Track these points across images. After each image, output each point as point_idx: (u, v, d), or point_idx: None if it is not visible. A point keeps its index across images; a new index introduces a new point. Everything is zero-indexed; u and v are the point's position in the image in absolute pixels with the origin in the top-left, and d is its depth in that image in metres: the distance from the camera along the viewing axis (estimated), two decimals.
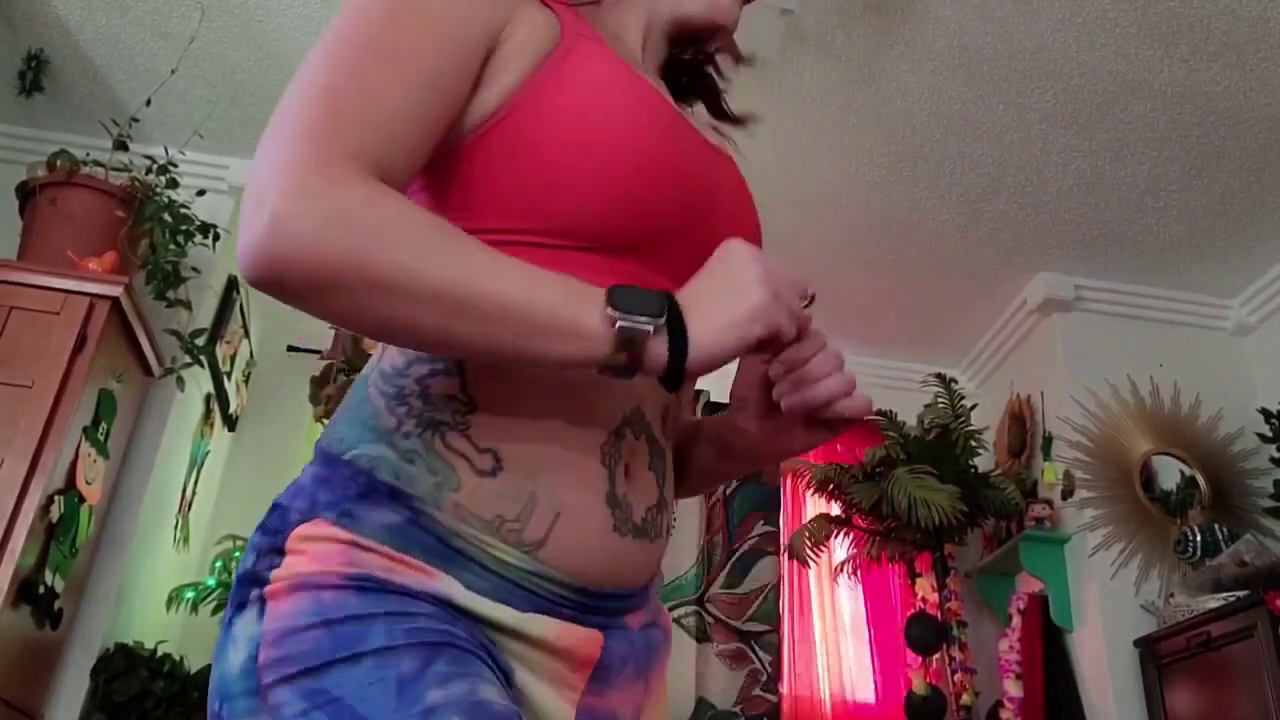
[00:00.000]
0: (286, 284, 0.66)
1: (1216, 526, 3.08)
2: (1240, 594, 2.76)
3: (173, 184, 2.87)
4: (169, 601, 2.96)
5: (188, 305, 2.89)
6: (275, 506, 0.75)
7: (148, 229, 2.78)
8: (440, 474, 0.73)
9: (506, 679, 0.72)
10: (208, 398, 3.37)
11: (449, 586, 0.71)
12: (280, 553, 0.72)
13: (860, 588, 3.73)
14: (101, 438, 2.68)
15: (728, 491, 3.81)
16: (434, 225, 0.67)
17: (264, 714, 0.66)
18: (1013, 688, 3.21)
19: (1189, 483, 3.35)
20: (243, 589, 0.72)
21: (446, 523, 0.72)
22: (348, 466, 0.74)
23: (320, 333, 3.55)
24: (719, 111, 1.06)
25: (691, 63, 1.04)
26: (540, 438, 0.75)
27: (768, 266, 0.73)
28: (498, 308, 0.66)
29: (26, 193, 2.84)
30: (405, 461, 0.73)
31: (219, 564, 3.00)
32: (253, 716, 0.67)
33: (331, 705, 0.64)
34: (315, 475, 0.76)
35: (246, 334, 3.64)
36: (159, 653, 2.80)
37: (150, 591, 3.04)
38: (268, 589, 0.70)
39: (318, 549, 0.70)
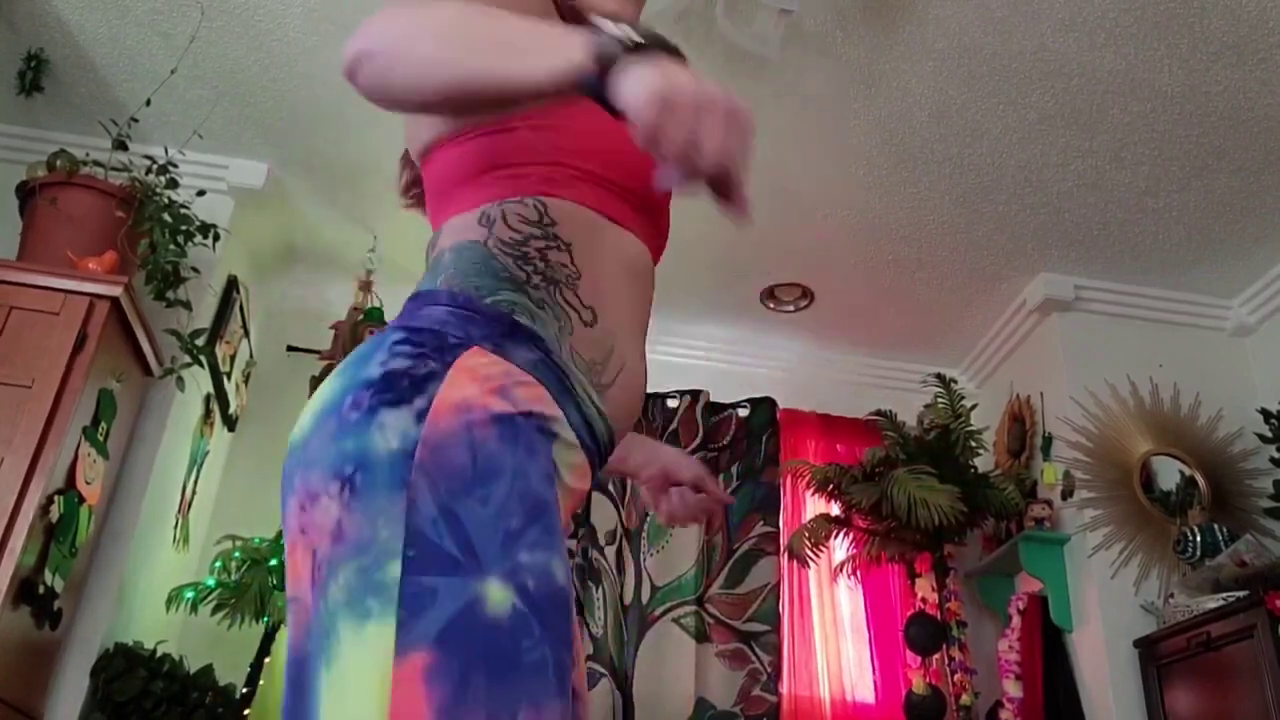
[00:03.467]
0: (361, 70, 0.87)
1: (1216, 527, 3.08)
2: (1240, 594, 2.76)
3: (172, 184, 2.87)
4: (168, 601, 2.96)
5: (187, 305, 2.89)
6: (419, 330, 0.88)
7: (147, 229, 2.78)
8: (561, 320, 0.94)
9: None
10: (207, 398, 3.37)
11: (560, 420, 0.90)
12: (442, 367, 0.85)
13: (860, 588, 3.73)
14: (101, 438, 2.68)
15: (728, 492, 3.81)
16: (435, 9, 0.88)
17: (400, 501, 0.78)
18: (1012, 688, 3.21)
19: (1189, 483, 3.35)
20: (394, 384, 0.83)
21: (562, 363, 0.92)
22: (490, 309, 0.92)
23: (320, 333, 3.56)
24: None
25: None
26: (618, 305, 0.99)
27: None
28: (489, 30, 0.84)
29: (26, 193, 2.84)
30: (538, 307, 0.93)
31: (218, 564, 2.99)
32: (392, 493, 0.78)
33: (456, 524, 0.78)
34: (457, 313, 0.91)
35: (246, 334, 3.64)
36: (158, 653, 2.80)
37: (150, 591, 3.04)
38: (435, 402, 0.82)
39: (480, 373, 0.86)
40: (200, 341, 3.00)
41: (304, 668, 0.80)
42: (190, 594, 2.94)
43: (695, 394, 3.93)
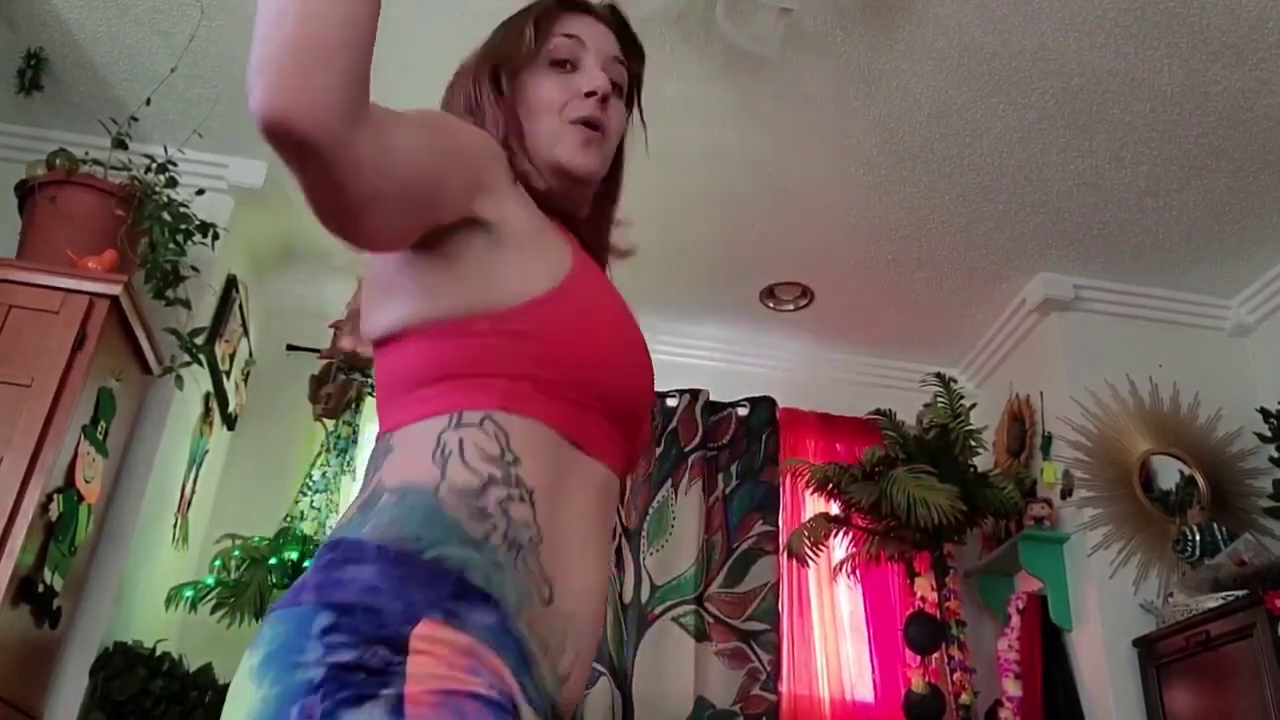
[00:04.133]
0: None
1: (1215, 526, 3.08)
2: (1239, 593, 2.76)
3: (172, 183, 2.87)
4: (168, 600, 2.96)
5: (187, 304, 2.89)
6: (347, 609, 0.76)
7: (147, 228, 2.78)
8: (520, 591, 0.83)
9: None
10: (207, 396, 3.37)
11: (523, 700, 0.80)
12: (398, 650, 0.74)
13: (859, 587, 3.73)
14: (101, 436, 2.68)
15: (727, 491, 3.81)
16: None
17: None
18: (1011, 687, 3.21)
19: (1188, 482, 3.35)
20: (346, 680, 0.72)
21: (522, 634, 0.81)
22: (431, 566, 0.80)
23: (319, 332, 3.56)
24: (599, 247, 1.19)
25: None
26: (575, 580, 0.88)
27: None
28: None
29: (26, 191, 2.84)
30: (495, 569, 0.82)
31: (218, 563, 3.00)
32: None
33: None
34: (389, 573, 0.78)
35: (245, 333, 3.64)
36: (158, 651, 2.80)
37: (149, 590, 3.04)
38: (407, 691, 0.72)
39: (443, 651, 0.75)
40: (200, 340, 3.00)
41: None
42: (189, 593, 2.94)
43: (695, 393, 3.93)
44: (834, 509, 3.58)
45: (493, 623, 0.79)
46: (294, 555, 2.91)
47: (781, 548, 3.67)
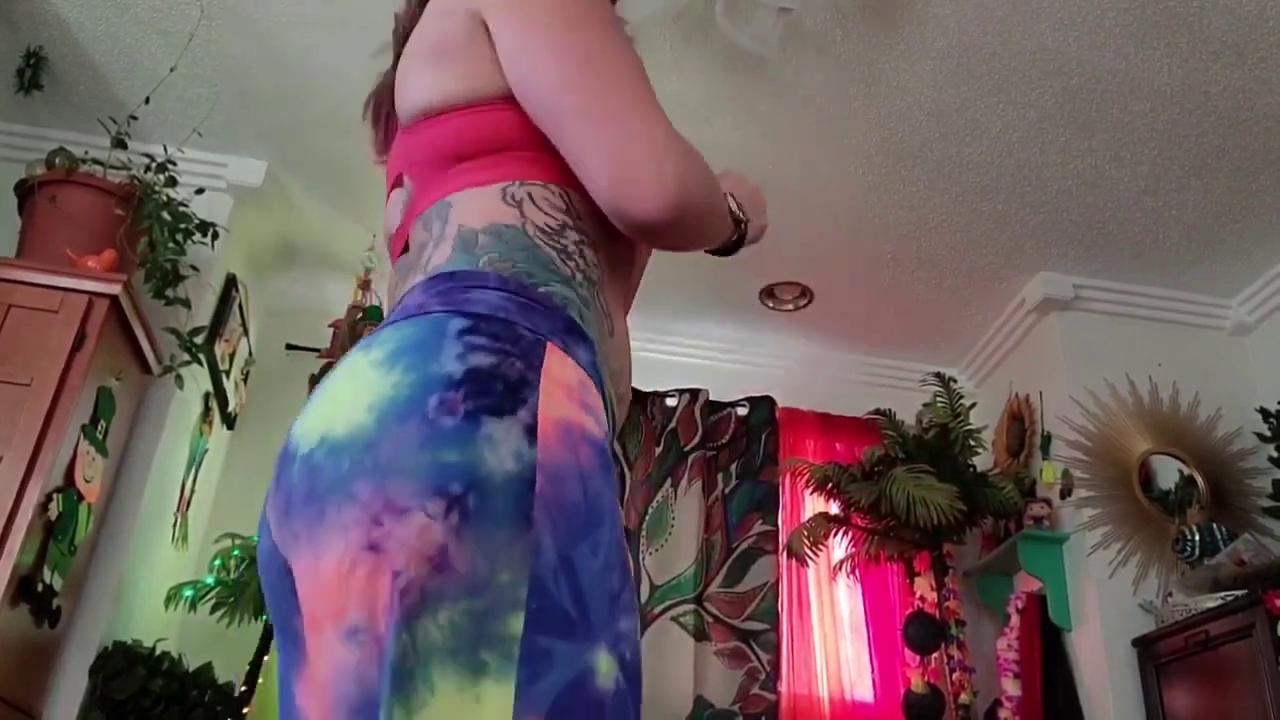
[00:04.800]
0: (685, 226, 0.88)
1: (1215, 526, 3.08)
2: (1238, 593, 2.76)
3: (171, 182, 2.87)
4: (167, 600, 2.96)
5: (186, 303, 2.89)
6: (485, 319, 0.79)
7: (146, 227, 2.78)
8: (599, 327, 0.90)
9: None
10: (206, 396, 3.37)
11: (609, 428, 0.87)
12: (533, 365, 0.77)
13: (859, 586, 3.73)
14: (100, 436, 2.68)
15: (726, 490, 3.81)
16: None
17: (523, 540, 0.70)
18: (1011, 687, 3.21)
19: (1187, 482, 3.35)
20: (487, 386, 0.74)
21: (601, 367, 0.88)
22: (544, 300, 0.85)
23: (319, 331, 3.56)
24: None
25: None
26: (620, 315, 0.98)
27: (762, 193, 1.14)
28: (725, 209, 1.01)
29: (25, 191, 2.84)
30: (584, 306, 0.88)
31: (217, 562, 2.99)
32: (514, 528, 0.70)
33: (573, 577, 0.71)
34: (515, 301, 0.82)
35: (245, 332, 3.64)
36: (157, 651, 2.80)
37: (149, 590, 3.04)
38: (539, 419, 0.74)
39: (565, 379, 0.79)
40: (199, 340, 3.00)
41: (372, 711, 0.71)
42: (189, 592, 2.94)
43: (694, 393, 3.93)
44: (833, 509, 3.58)
45: (589, 359, 0.85)
46: None
47: (781, 547, 3.67)
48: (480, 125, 0.92)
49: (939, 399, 3.63)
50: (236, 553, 2.96)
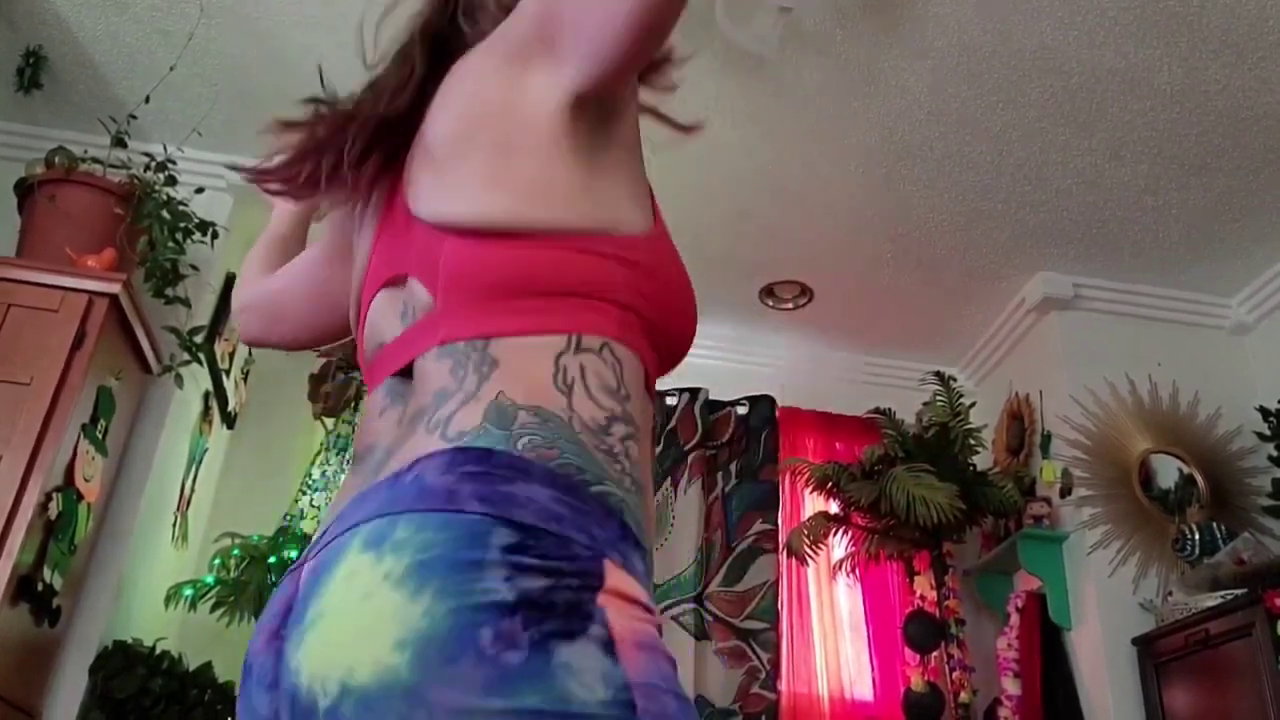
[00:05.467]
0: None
1: (1215, 525, 3.08)
2: (1238, 592, 2.77)
3: (171, 181, 2.87)
4: (167, 599, 2.95)
5: (186, 303, 2.89)
6: (535, 532, 0.67)
7: (146, 226, 2.78)
8: (641, 532, 0.76)
9: None
10: (206, 395, 3.37)
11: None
12: (590, 588, 0.67)
13: (859, 586, 3.73)
14: (100, 435, 2.68)
15: (726, 489, 3.81)
16: None
17: None
18: (1011, 686, 3.21)
19: (1187, 481, 3.35)
20: (550, 609, 0.64)
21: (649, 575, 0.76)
22: (598, 502, 0.72)
23: None
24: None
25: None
26: (652, 520, 0.82)
27: None
28: None
29: (25, 190, 2.84)
30: (636, 509, 0.76)
31: (217, 561, 2.99)
32: None
33: None
34: (564, 501, 0.70)
35: None
36: (157, 650, 2.80)
37: (149, 589, 3.04)
38: (615, 635, 0.65)
39: (624, 596, 0.68)
40: (199, 339, 3.00)
41: None
42: (189, 591, 2.93)
43: (694, 391, 3.93)
44: (833, 508, 3.58)
45: (643, 569, 0.74)
46: (294, 554, 2.91)
47: (781, 546, 3.67)
48: (542, 262, 0.79)
49: (939, 398, 3.63)
50: (236, 552, 2.96)
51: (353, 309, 0.96)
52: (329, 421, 3.39)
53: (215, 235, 2.98)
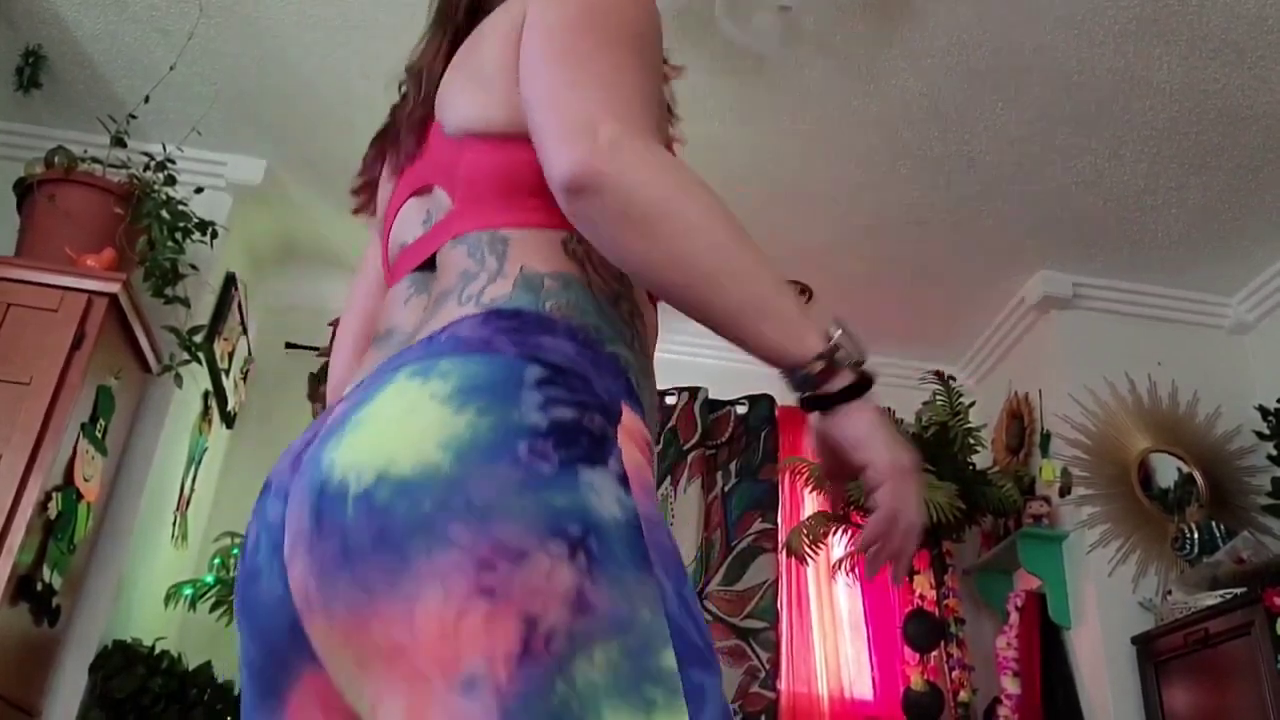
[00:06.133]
0: (605, 197, 0.77)
1: (1214, 524, 3.09)
2: (1237, 591, 2.77)
3: (171, 181, 2.87)
4: (167, 598, 2.96)
5: (186, 302, 2.89)
6: (564, 371, 0.75)
7: (146, 226, 2.78)
8: (650, 396, 0.88)
9: None
10: (206, 395, 3.37)
11: None
12: (612, 422, 0.75)
13: (858, 585, 3.73)
14: (100, 435, 2.68)
15: (726, 488, 3.81)
16: (717, 200, 0.80)
17: (650, 582, 0.69)
18: (1010, 685, 3.21)
19: (1187, 480, 3.35)
20: (575, 438, 0.72)
21: (649, 430, 0.85)
22: (612, 361, 0.82)
23: (318, 330, 3.56)
24: None
25: None
26: (654, 386, 0.93)
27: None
28: (753, 275, 0.79)
29: (24, 189, 2.84)
30: (641, 374, 0.86)
31: (217, 561, 3.00)
32: (639, 571, 0.69)
33: (693, 615, 0.72)
34: (587, 356, 0.79)
35: (245, 331, 3.64)
36: (157, 649, 2.80)
37: (148, 588, 3.04)
38: (628, 470, 0.73)
39: (638, 437, 0.78)
40: (199, 339, 3.00)
41: None
42: (189, 591, 2.94)
43: (694, 391, 3.93)
44: None
45: (643, 427, 0.82)
46: None
47: (780, 546, 3.67)
48: (537, 164, 0.85)
49: (938, 397, 3.63)
50: (236, 551, 2.96)
51: (379, 226, 1.05)
52: None
53: (215, 235, 2.98)
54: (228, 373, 3.47)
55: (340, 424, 0.74)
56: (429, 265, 0.91)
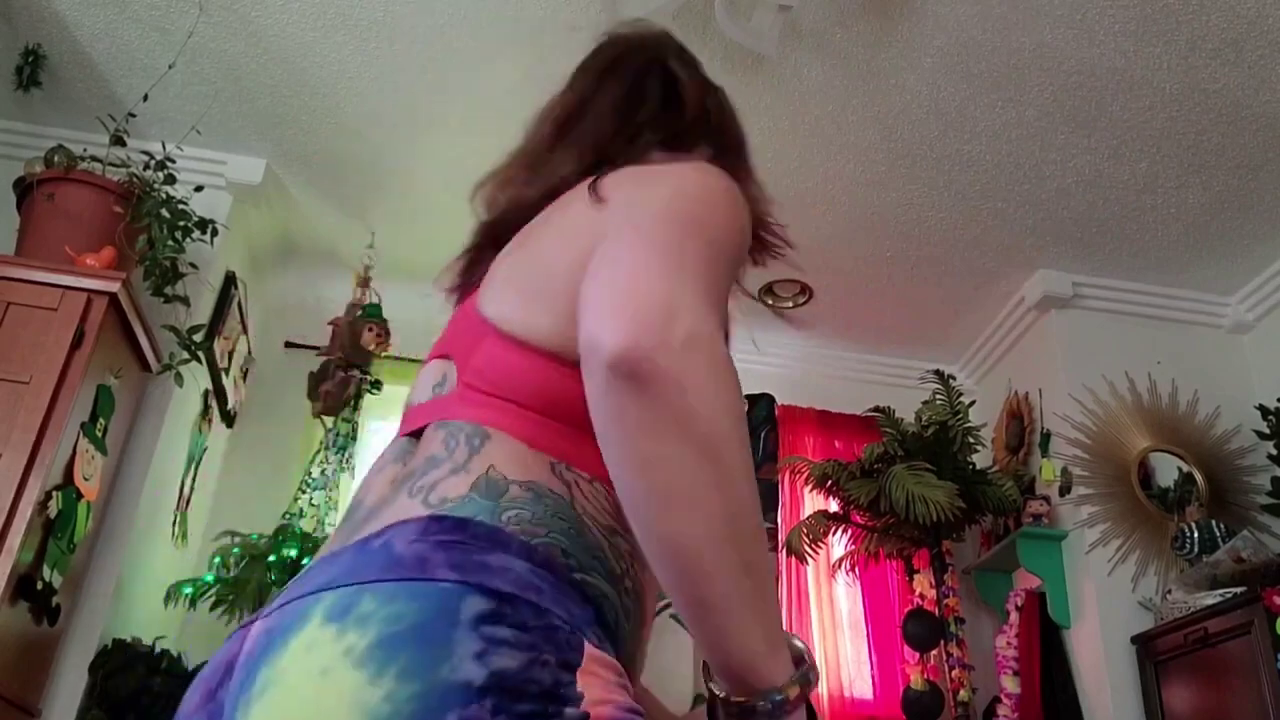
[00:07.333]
0: (653, 391, 0.65)
1: (1214, 523, 3.09)
2: (1237, 590, 2.77)
3: (170, 180, 2.87)
4: (167, 597, 2.96)
5: (185, 301, 2.89)
6: (511, 600, 0.64)
7: (145, 225, 2.78)
8: (629, 649, 0.75)
9: None
10: (206, 394, 3.37)
11: None
12: (569, 664, 0.63)
13: (858, 584, 3.73)
14: (99, 434, 2.68)
15: None
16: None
17: None
18: (1010, 684, 3.21)
19: (1186, 479, 3.35)
20: (521, 691, 0.60)
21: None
22: (578, 590, 0.70)
23: (318, 329, 3.56)
24: None
25: None
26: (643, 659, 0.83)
27: None
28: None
29: (24, 188, 2.83)
30: (623, 614, 0.74)
31: (217, 560, 2.99)
32: None
33: None
34: (545, 579, 0.68)
35: (244, 330, 3.63)
36: (157, 648, 2.80)
37: (148, 587, 3.04)
38: (591, 711, 0.63)
39: (607, 677, 0.66)
40: (198, 337, 3.00)
41: None
42: (188, 590, 2.94)
43: None
44: (833, 506, 3.58)
45: (612, 659, 0.70)
46: (293, 552, 2.91)
47: (780, 545, 3.67)
48: (555, 386, 0.79)
49: (938, 396, 3.63)
50: (236, 550, 2.96)
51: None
52: (328, 420, 3.39)
53: (214, 233, 2.97)
54: (227, 371, 3.47)
55: (249, 681, 0.63)
56: (419, 434, 0.85)
